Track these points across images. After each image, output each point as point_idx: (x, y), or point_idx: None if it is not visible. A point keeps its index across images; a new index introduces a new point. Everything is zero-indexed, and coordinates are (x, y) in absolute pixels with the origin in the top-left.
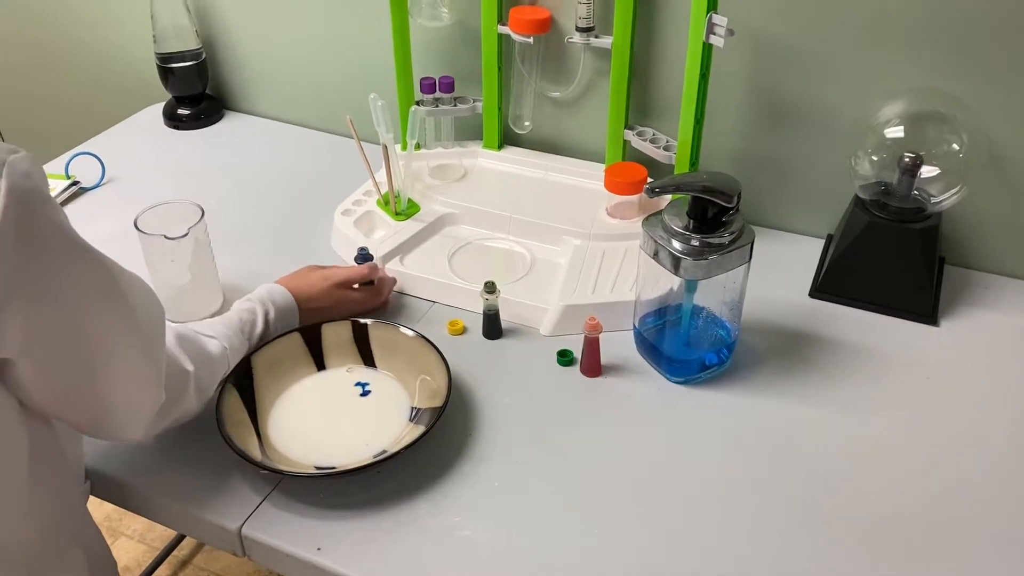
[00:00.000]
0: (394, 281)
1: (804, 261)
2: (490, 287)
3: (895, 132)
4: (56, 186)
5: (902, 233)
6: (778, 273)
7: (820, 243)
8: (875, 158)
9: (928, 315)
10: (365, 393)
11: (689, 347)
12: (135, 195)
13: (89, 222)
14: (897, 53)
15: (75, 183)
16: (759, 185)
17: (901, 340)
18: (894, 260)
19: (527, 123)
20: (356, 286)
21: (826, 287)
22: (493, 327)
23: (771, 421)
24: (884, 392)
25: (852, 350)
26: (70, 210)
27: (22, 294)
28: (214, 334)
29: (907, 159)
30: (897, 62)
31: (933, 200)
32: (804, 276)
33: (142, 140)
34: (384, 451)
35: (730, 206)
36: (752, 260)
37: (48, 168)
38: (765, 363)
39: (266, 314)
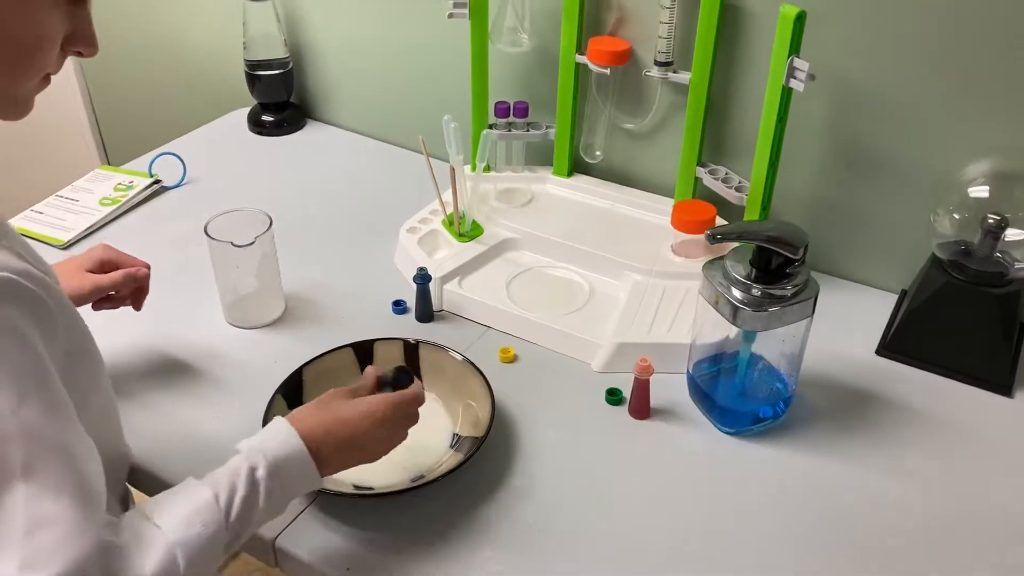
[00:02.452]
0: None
1: (874, 316)
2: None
3: (980, 191)
4: (138, 184)
5: (980, 297)
6: (845, 326)
7: (892, 298)
8: (956, 216)
9: (1003, 386)
10: None
11: (743, 398)
12: (213, 197)
13: (166, 221)
14: (988, 108)
15: (157, 182)
16: (832, 233)
17: (972, 410)
18: (970, 324)
19: (598, 152)
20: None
21: (895, 346)
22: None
23: (823, 482)
24: (948, 463)
25: (917, 415)
26: (149, 208)
27: None
28: (161, 526)
29: (991, 220)
30: (987, 118)
31: (1017, 265)
32: (872, 332)
33: (225, 144)
34: (422, 476)
35: (796, 258)
36: (818, 311)
37: (133, 166)
38: (823, 421)
39: (252, 472)
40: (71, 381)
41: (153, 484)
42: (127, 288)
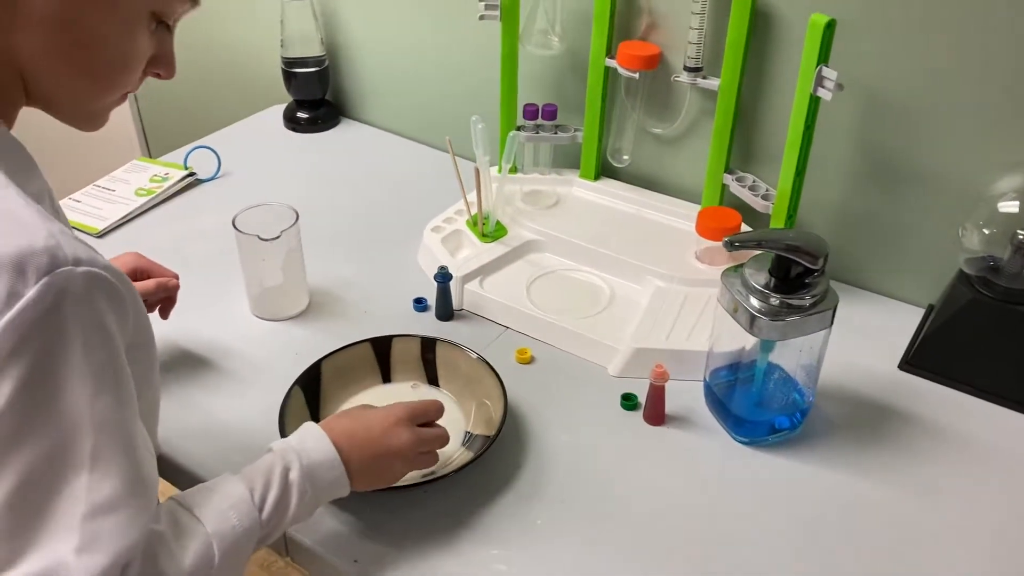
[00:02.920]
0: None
1: (898, 329)
2: None
3: (1010, 207)
4: (173, 176)
5: (1008, 314)
6: (868, 339)
7: (918, 312)
8: (986, 232)
9: None
10: None
11: (759, 408)
12: (245, 191)
13: (198, 213)
14: (1020, 122)
15: (191, 174)
16: (859, 244)
17: (996, 429)
18: (997, 342)
19: (626, 157)
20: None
21: (919, 361)
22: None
23: (837, 495)
24: (971, 483)
25: (938, 432)
26: (183, 200)
27: None
28: (203, 520)
29: (1021, 236)
30: (1019, 131)
31: None
32: (896, 346)
33: (260, 139)
34: (432, 472)
35: (815, 268)
36: (841, 323)
37: (169, 158)
38: (839, 433)
39: (285, 472)
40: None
41: (171, 471)
42: (156, 297)
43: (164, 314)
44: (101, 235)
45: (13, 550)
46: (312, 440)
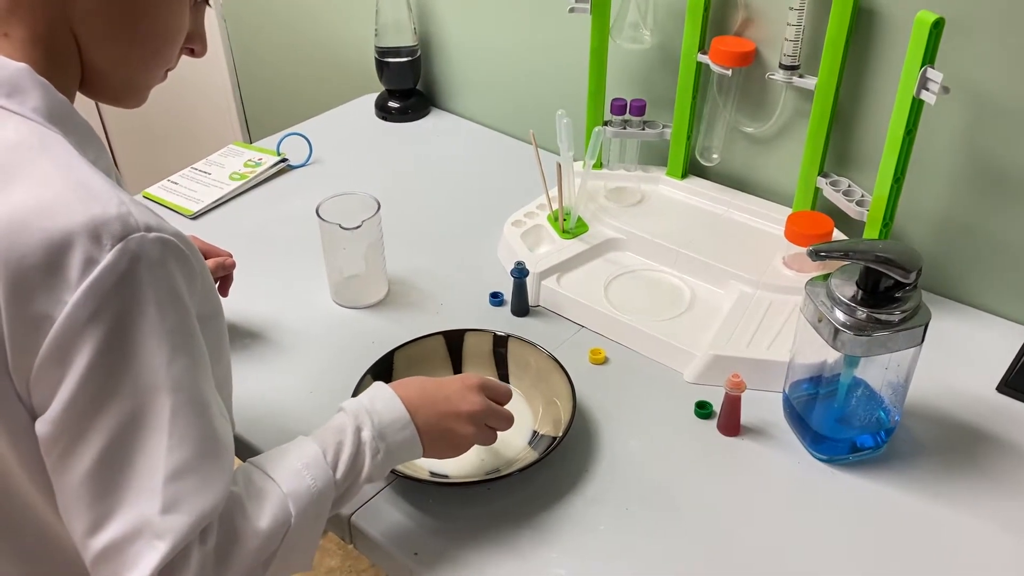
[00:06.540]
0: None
1: (998, 348)
2: None
3: None
4: (266, 161)
5: None
6: (964, 356)
7: (1022, 331)
8: None
9: None
10: None
11: (841, 425)
12: (334, 179)
13: (287, 199)
14: None
15: (284, 160)
16: (958, 256)
17: None
18: None
19: (715, 155)
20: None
21: (1020, 383)
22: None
23: (920, 523)
24: None
25: None
26: (274, 185)
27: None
28: (277, 480)
29: None
30: None
31: None
32: (995, 366)
33: (352, 127)
34: (497, 470)
35: (907, 282)
36: (937, 338)
37: (264, 144)
38: (927, 457)
39: (358, 432)
40: None
41: (241, 450)
42: (216, 276)
43: (224, 292)
44: (195, 217)
45: (99, 514)
46: (382, 400)
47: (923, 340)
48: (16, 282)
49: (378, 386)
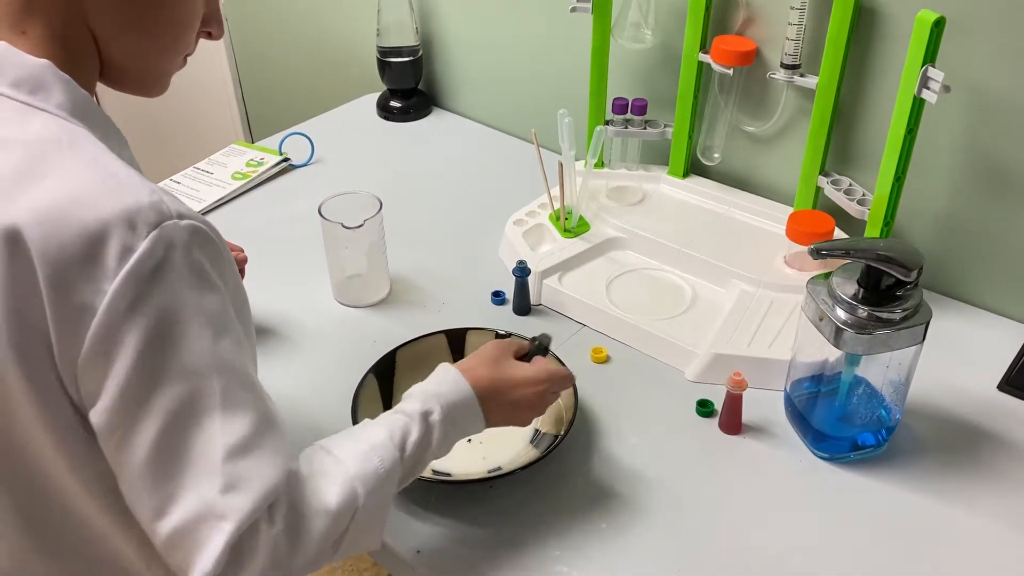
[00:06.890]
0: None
1: (999, 347)
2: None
3: None
4: (268, 160)
5: None
6: (965, 355)
7: (1023, 330)
8: None
9: None
10: None
11: (842, 423)
12: (336, 178)
13: (290, 198)
14: None
15: (286, 159)
16: (960, 255)
17: None
18: None
19: (716, 155)
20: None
21: (1020, 382)
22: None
23: (921, 521)
24: None
25: None
26: (276, 185)
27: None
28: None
29: None
30: None
31: None
32: (996, 364)
33: (354, 127)
34: (499, 468)
35: (908, 280)
36: (938, 336)
37: (266, 143)
38: (927, 455)
39: (426, 415)
40: None
41: None
42: None
43: None
44: None
45: (162, 500)
46: (450, 383)
47: (924, 338)
48: (57, 274)
49: (444, 368)
